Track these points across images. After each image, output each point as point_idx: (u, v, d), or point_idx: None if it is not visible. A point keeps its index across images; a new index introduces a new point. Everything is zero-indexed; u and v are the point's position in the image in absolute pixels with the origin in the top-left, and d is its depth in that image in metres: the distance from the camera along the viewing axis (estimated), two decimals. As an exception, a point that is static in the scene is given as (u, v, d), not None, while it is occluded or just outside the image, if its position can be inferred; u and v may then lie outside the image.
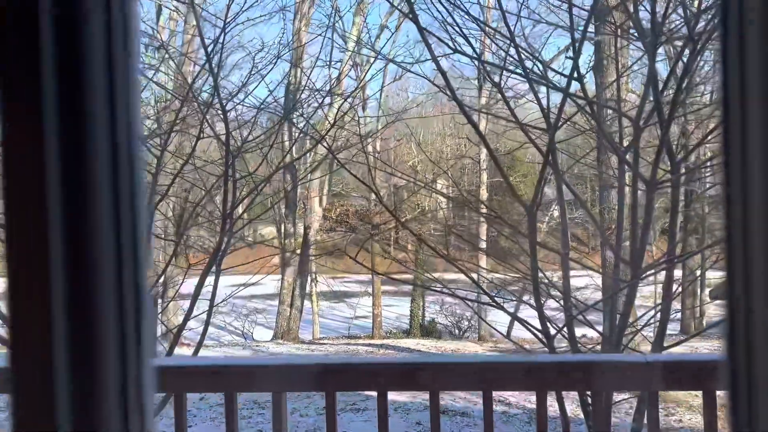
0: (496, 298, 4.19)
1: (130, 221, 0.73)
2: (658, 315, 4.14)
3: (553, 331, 3.79)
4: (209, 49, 4.09)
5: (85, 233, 0.70)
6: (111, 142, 0.71)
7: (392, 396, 9.88)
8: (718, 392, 2.47)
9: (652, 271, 3.72)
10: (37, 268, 0.70)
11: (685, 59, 3.91)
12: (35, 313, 0.70)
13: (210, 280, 5.22)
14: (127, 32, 0.71)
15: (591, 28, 4.19)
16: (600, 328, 4.23)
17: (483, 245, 14.25)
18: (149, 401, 0.77)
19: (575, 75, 3.79)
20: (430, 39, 4.44)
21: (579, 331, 4.25)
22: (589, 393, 3.10)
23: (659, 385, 2.72)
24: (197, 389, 2.86)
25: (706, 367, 2.75)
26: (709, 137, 4.41)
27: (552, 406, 3.68)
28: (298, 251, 16.52)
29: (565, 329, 3.73)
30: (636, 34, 4.23)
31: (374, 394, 2.71)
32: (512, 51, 4.20)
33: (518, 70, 3.89)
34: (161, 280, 5.41)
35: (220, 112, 4.22)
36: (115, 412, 0.73)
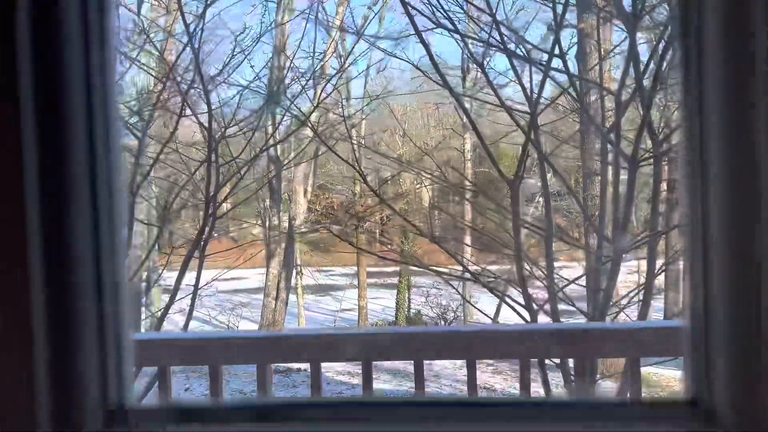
0: (480, 277, 4.21)
1: (107, 205, 0.73)
2: (641, 294, 4.18)
3: (536, 311, 3.82)
4: (191, 27, 4.06)
5: (62, 217, 0.71)
6: (88, 134, 0.71)
7: (377, 384, 9.92)
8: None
9: (635, 244, 3.76)
10: (14, 246, 0.70)
11: (666, 39, 3.94)
12: (15, 292, 0.70)
13: (195, 278, 5.18)
14: (103, 27, 0.71)
15: (573, 1, 4.22)
16: (584, 307, 4.27)
17: (468, 240, 14.29)
18: (128, 373, 0.77)
19: (557, 52, 3.81)
20: (416, 23, 4.44)
21: (563, 310, 4.28)
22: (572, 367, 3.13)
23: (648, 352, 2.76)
24: (181, 362, 2.85)
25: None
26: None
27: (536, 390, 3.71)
28: (285, 227, 16.46)
29: (547, 306, 3.75)
30: (617, 14, 4.26)
31: (358, 382, 2.71)
32: (495, 34, 4.22)
33: (500, 47, 3.90)
34: (144, 265, 5.37)
35: (202, 92, 4.20)
36: (94, 383, 0.74)
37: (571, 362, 4.22)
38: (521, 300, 4.00)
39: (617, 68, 3.64)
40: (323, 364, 2.73)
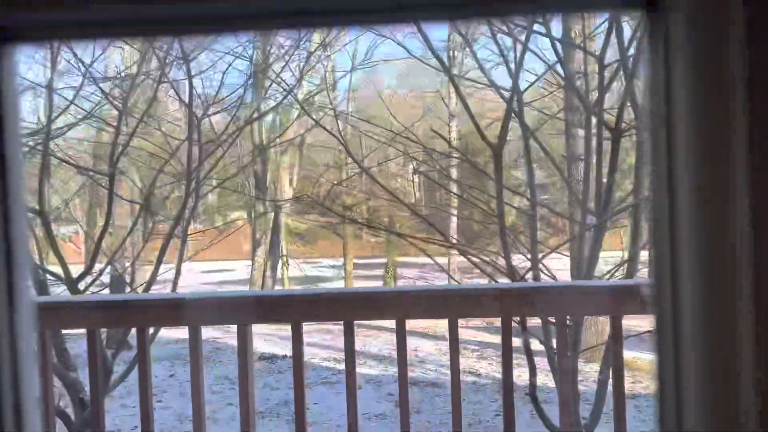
0: (467, 253, 4.20)
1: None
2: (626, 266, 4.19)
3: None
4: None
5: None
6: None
7: (364, 369, 9.90)
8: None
9: (619, 210, 3.76)
10: None
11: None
12: None
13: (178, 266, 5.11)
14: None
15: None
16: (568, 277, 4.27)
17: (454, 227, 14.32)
18: (26, 344, 0.74)
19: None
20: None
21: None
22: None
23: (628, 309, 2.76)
24: (161, 323, 2.82)
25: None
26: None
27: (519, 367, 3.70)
28: (271, 216, 16.36)
29: (530, 275, 3.75)
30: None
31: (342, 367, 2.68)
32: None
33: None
34: (126, 243, 5.32)
35: (182, 62, 4.15)
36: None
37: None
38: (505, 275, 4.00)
39: (602, 33, 3.65)
40: (309, 351, 2.70)
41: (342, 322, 2.66)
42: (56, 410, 4.86)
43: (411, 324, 15.52)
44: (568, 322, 2.98)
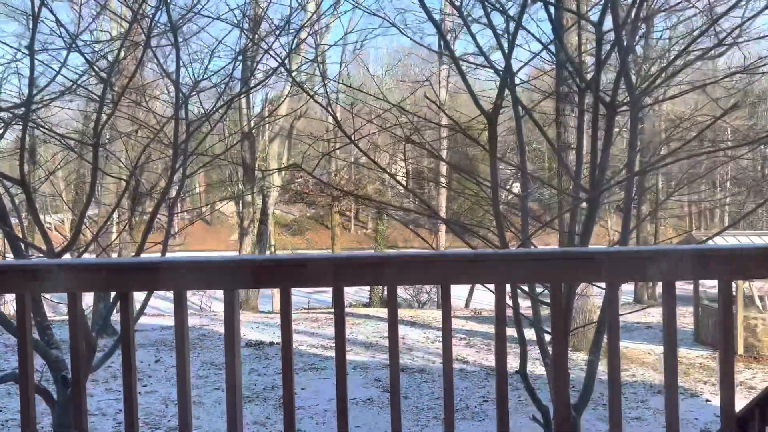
0: (457, 228, 4.14)
1: None
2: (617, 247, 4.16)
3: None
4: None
5: None
6: None
7: (351, 356, 9.85)
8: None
9: (610, 185, 3.72)
10: None
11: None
12: None
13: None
14: None
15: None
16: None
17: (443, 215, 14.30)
18: None
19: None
20: None
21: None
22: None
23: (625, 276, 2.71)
24: (145, 287, 2.73)
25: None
26: (669, 67, 4.43)
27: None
28: (259, 205, 16.29)
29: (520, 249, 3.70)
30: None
31: (332, 354, 2.61)
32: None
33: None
34: (114, 215, 5.22)
35: (170, 33, 4.05)
36: None
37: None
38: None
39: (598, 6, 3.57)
40: (297, 338, 2.63)
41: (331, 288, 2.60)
42: (37, 387, 4.77)
43: (400, 313, 15.50)
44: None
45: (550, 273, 2.50)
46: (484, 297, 16.62)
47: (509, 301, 3.71)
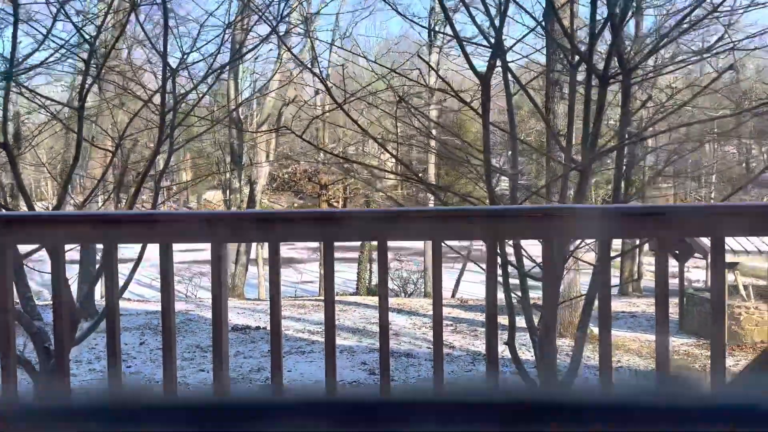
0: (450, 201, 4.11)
1: None
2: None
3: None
4: None
5: None
6: None
7: (338, 341, 9.83)
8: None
9: (602, 152, 3.71)
10: None
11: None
12: None
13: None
14: None
15: None
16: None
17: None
18: None
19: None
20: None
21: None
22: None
23: (615, 232, 2.71)
24: (132, 239, 2.68)
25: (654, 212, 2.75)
26: (661, 44, 4.43)
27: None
28: (246, 194, 16.18)
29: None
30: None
31: (321, 339, 2.58)
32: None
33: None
34: (99, 185, 5.15)
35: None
36: None
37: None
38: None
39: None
40: (283, 323, 2.58)
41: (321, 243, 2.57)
42: (19, 358, 4.69)
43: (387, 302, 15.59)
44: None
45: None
46: (471, 288, 16.63)
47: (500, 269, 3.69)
